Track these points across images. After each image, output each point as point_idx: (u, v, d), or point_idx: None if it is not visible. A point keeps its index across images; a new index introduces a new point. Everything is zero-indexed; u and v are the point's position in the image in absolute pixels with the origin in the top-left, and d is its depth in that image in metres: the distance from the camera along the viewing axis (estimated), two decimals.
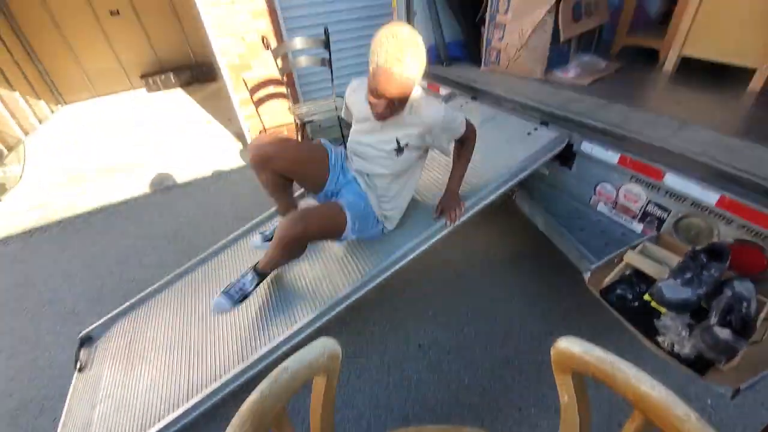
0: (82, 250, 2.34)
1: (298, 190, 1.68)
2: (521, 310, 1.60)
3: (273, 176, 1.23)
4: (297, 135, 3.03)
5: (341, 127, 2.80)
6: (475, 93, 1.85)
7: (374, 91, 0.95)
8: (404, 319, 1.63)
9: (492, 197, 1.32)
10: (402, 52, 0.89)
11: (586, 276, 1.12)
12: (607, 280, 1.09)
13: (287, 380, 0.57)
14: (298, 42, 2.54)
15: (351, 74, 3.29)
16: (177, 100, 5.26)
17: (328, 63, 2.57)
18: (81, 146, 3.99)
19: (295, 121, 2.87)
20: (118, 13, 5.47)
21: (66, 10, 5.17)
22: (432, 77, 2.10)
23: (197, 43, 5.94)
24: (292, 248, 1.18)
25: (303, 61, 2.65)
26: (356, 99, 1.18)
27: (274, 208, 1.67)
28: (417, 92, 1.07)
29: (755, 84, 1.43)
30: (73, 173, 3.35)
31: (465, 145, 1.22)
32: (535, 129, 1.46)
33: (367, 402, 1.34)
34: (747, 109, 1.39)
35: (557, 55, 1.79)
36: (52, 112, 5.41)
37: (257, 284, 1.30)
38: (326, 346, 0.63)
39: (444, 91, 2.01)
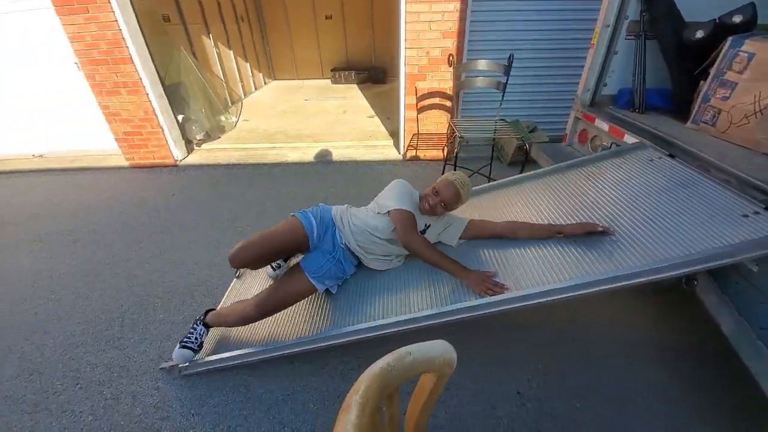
0: (261, 190, 2.99)
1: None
2: (659, 420, 1.29)
3: (254, 265, 1.54)
4: (445, 145, 3.19)
5: (492, 149, 2.81)
6: (674, 150, 1.60)
7: (439, 195, 1.46)
8: (510, 358, 1.52)
9: (666, 274, 1.11)
10: (467, 186, 1.51)
11: None
12: None
13: (409, 363, 0.59)
14: (481, 64, 2.62)
15: (516, 100, 3.26)
16: (352, 93, 6.15)
17: (502, 87, 2.59)
18: (278, 113, 5.07)
19: (448, 131, 3.02)
20: (330, 17, 6.77)
21: (296, 11, 6.71)
22: (617, 121, 1.91)
23: (380, 51, 6.90)
24: (245, 322, 1.47)
25: (480, 81, 2.73)
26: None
27: None
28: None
29: None
30: (270, 132, 4.31)
31: (512, 223, 1.52)
32: (756, 213, 1.16)
33: (449, 418, 1.32)
34: None
35: None
36: (265, 83, 7.06)
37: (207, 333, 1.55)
38: (446, 349, 0.62)
39: (631, 139, 1.79)
